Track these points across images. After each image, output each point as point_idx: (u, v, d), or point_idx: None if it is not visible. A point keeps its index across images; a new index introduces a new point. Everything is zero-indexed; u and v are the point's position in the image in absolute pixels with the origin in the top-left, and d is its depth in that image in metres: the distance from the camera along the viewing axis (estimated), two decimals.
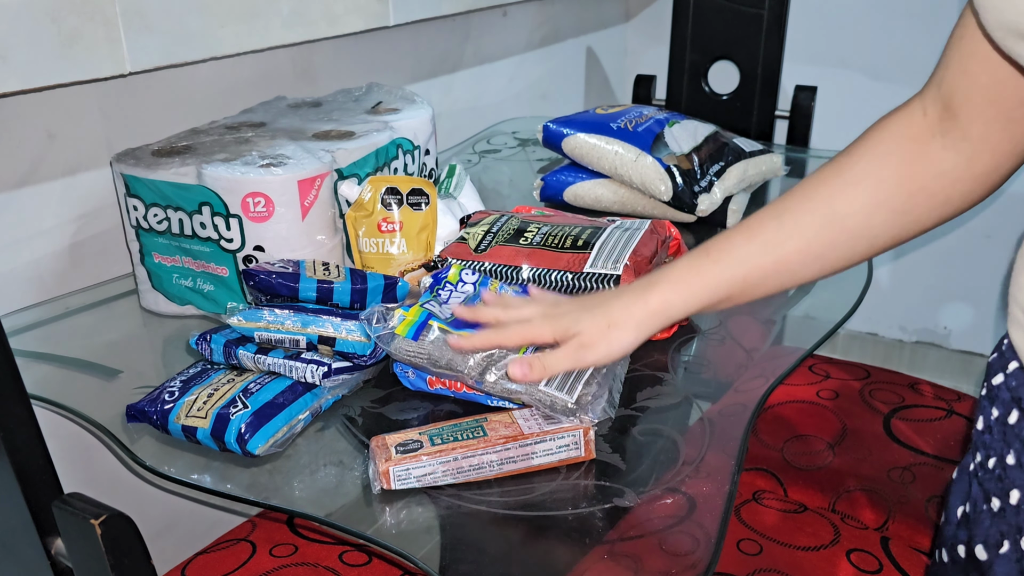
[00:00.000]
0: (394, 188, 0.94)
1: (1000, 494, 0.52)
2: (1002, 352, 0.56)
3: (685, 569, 0.63)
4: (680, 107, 1.77)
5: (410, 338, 0.76)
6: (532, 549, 0.65)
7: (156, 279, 0.99)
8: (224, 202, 0.91)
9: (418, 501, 0.69)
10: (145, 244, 0.97)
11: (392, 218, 0.94)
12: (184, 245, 0.95)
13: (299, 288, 0.85)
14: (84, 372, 0.90)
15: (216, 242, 0.93)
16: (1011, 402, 0.53)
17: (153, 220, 0.95)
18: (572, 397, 0.72)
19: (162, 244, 0.96)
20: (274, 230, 0.91)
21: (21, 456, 0.64)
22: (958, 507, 0.59)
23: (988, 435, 0.55)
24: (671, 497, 0.69)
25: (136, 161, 0.95)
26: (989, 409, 0.55)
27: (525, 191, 1.34)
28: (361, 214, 0.94)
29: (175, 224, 0.94)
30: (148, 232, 0.96)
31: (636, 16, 2.12)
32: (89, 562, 0.64)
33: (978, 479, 0.56)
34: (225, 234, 0.92)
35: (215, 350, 0.82)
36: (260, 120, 1.10)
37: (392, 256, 0.94)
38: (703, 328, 0.95)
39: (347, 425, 0.79)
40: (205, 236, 0.93)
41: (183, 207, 0.92)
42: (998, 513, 0.53)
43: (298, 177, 0.91)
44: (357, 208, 0.95)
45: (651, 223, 0.96)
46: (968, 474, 0.58)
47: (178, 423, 0.75)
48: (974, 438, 0.58)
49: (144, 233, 0.96)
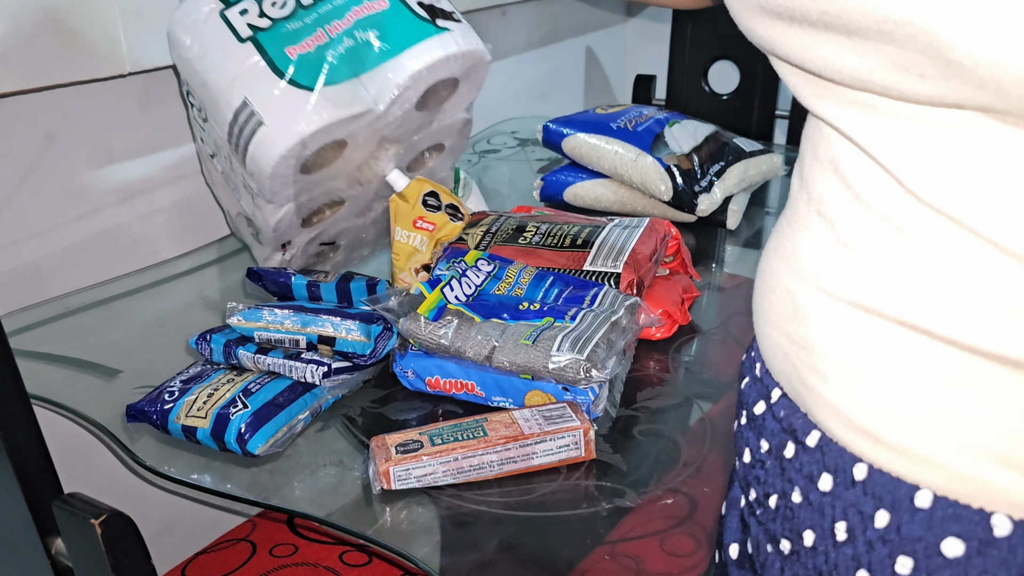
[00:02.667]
0: (435, 193, 0.97)
1: (791, 536, 0.48)
2: (758, 379, 0.51)
3: (686, 570, 0.63)
4: (680, 107, 1.77)
5: (431, 319, 0.79)
6: (532, 549, 0.65)
7: (303, 75, 0.85)
8: None
9: (418, 501, 0.69)
10: (270, 46, 0.86)
11: (429, 218, 0.96)
12: (324, 7, 0.87)
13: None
14: (84, 372, 0.90)
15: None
16: (783, 433, 0.48)
17: (273, 9, 0.87)
18: (583, 355, 0.74)
19: (293, 30, 0.86)
20: None
21: (21, 456, 0.64)
22: (733, 544, 0.55)
23: (760, 470, 0.50)
24: (672, 497, 0.69)
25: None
26: (756, 441, 0.50)
27: (525, 191, 1.34)
28: (404, 205, 0.97)
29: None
30: (271, 29, 0.86)
31: (636, 16, 2.12)
32: (89, 562, 0.64)
33: (757, 519, 0.51)
34: None
35: (215, 350, 0.82)
36: None
37: (417, 252, 0.96)
38: (704, 328, 0.95)
39: (347, 425, 0.79)
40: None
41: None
42: (790, 555, 0.48)
43: None
44: (401, 197, 0.97)
45: (650, 221, 0.96)
46: (741, 511, 0.53)
47: (178, 423, 0.75)
48: (740, 472, 0.53)
49: (266, 34, 0.86)
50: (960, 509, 0.40)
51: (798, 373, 0.46)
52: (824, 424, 0.45)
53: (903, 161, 0.39)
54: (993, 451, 0.39)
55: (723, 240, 1.19)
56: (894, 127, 0.39)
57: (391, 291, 0.83)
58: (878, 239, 0.41)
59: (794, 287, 0.46)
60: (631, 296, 0.84)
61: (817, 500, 0.45)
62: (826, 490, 0.45)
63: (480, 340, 0.77)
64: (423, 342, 0.79)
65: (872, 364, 0.42)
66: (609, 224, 0.95)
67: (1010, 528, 0.39)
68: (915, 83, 0.36)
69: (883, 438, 0.42)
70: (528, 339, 0.77)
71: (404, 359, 0.82)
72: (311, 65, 0.85)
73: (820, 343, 0.44)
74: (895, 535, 0.42)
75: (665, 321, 0.91)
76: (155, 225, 1.15)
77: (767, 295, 0.49)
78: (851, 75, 0.38)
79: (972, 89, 0.34)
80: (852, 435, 0.43)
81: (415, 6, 0.90)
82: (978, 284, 0.38)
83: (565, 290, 0.86)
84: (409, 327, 0.79)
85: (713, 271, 1.10)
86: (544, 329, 0.78)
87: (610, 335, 0.78)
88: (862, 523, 0.43)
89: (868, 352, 0.42)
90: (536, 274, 0.87)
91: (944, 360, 0.40)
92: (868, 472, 0.43)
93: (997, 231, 0.37)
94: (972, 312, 0.39)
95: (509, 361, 0.76)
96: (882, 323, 0.41)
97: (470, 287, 0.85)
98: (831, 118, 0.42)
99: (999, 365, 0.38)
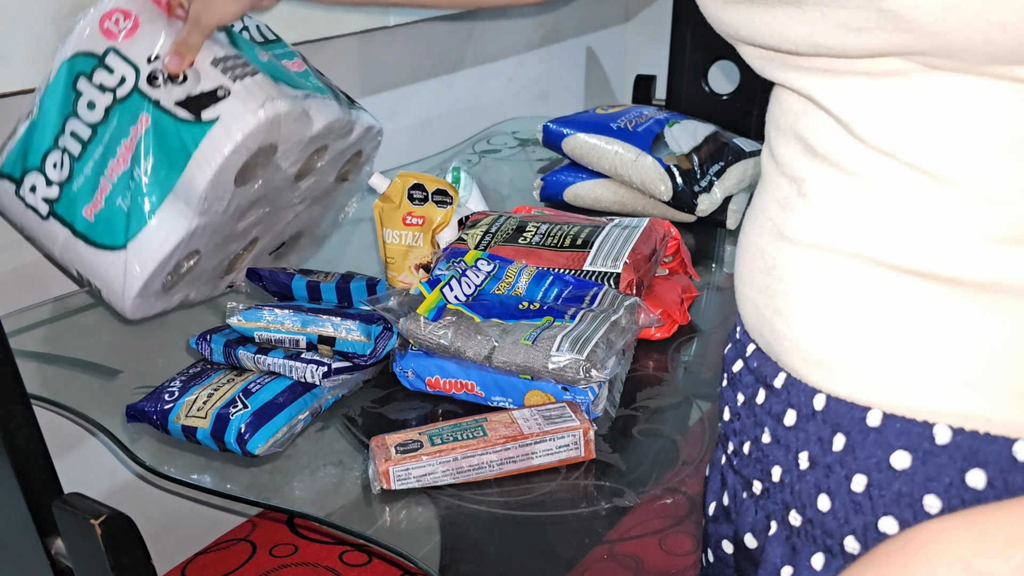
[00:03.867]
0: (420, 185, 0.96)
1: (761, 475, 0.51)
2: (737, 341, 0.57)
3: (685, 569, 0.63)
4: (680, 107, 1.77)
5: (431, 319, 0.79)
6: (532, 549, 0.65)
7: (102, 235, 0.84)
8: (88, 53, 0.83)
9: (418, 501, 0.69)
10: (65, 215, 0.84)
11: (418, 213, 0.96)
12: (96, 155, 0.83)
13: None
14: (84, 372, 0.90)
15: (111, 107, 0.83)
16: (755, 383, 0.52)
17: (54, 172, 0.84)
18: (583, 355, 0.74)
19: (80, 191, 0.83)
20: (147, 36, 0.84)
21: (21, 456, 0.64)
22: (712, 502, 0.58)
23: (737, 422, 0.54)
24: (671, 497, 0.69)
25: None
26: (734, 396, 0.55)
27: (525, 191, 1.34)
28: (389, 206, 0.97)
29: (73, 148, 0.83)
30: (58, 201, 0.84)
31: (636, 16, 2.12)
32: (89, 562, 0.64)
33: (733, 468, 0.55)
34: (111, 82, 0.83)
35: (215, 350, 0.82)
36: None
37: (412, 248, 0.96)
38: (703, 328, 0.95)
39: (347, 425, 0.79)
40: (102, 112, 0.83)
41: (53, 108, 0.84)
42: (761, 495, 0.52)
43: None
44: (384, 199, 0.97)
45: (650, 221, 0.96)
46: (720, 468, 0.57)
47: (178, 423, 0.75)
48: (721, 430, 0.57)
49: (58, 204, 0.85)
50: (907, 424, 0.44)
51: (767, 321, 0.50)
52: (787, 363, 0.49)
53: (850, 110, 0.44)
54: (936, 365, 0.43)
55: (723, 240, 1.19)
56: (841, 83, 0.44)
57: (391, 291, 0.84)
58: (832, 184, 0.46)
59: (762, 243, 0.50)
60: (631, 296, 0.84)
61: (784, 436, 0.49)
62: (790, 425, 0.49)
63: (480, 340, 0.78)
64: (423, 342, 0.79)
65: (828, 298, 0.46)
66: (609, 224, 0.95)
67: (949, 436, 0.43)
68: (854, 38, 0.41)
69: (837, 367, 0.46)
70: (528, 339, 0.77)
71: (404, 359, 0.82)
72: (111, 220, 0.83)
73: (783, 287, 0.48)
74: (851, 456, 0.46)
75: (664, 321, 0.91)
76: None
77: (742, 257, 0.53)
78: (804, 41, 0.43)
79: (901, 34, 0.39)
80: (810, 368, 0.47)
81: (175, 109, 0.82)
82: (918, 212, 0.42)
83: (565, 290, 0.86)
84: (409, 327, 0.80)
85: (713, 271, 1.10)
86: (544, 329, 0.78)
87: (610, 335, 0.78)
88: (822, 449, 0.47)
89: (824, 287, 0.46)
90: (536, 274, 0.88)
91: (892, 285, 0.44)
92: (826, 401, 0.46)
93: (931, 162, 0.42)
94: (914, 238, 0.43)
95: (509, 361, 0.76)
96: (837, 259, 0.45)
97: (470, 287, 0.85)
98: (791, 83, 0.47)
99: (941, 285, 0.42)
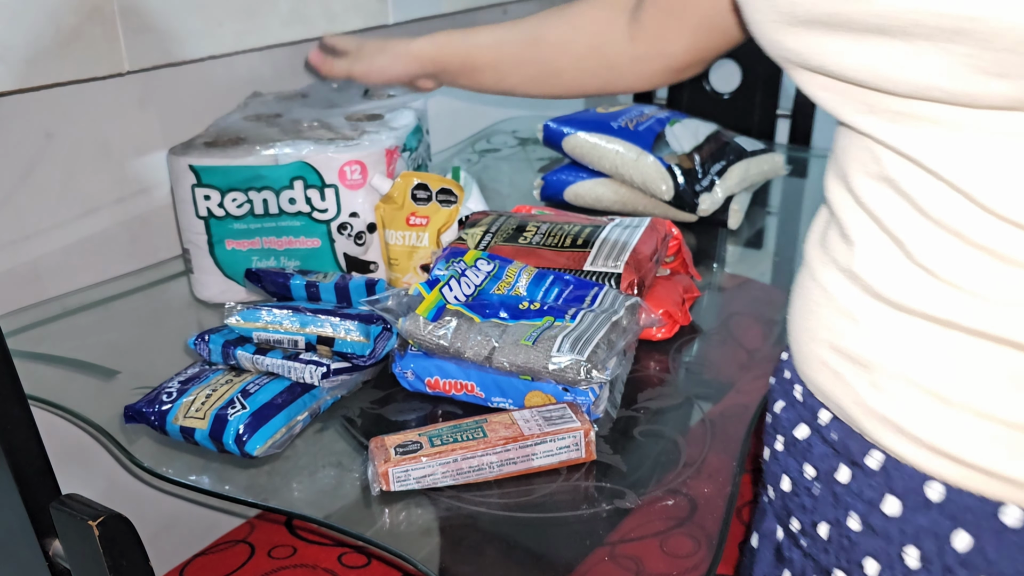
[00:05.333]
0: (424, 184, 0.97)
1: (848, 565, 0.45)
2: (798, 402, 0.49)
3: (686, 571, 0.63)
4: (681, 106, 1.76)
5: (430, 319, 0.78)
6: (532, 551, 0.65)
7: (228, 266, 1.01)
8: (319, 173, 0.96)
9: (417, 503, 0.69)
10: (216, 232, 0.99)
11: (422, 212, 0.96)
12: (268, 224, 0.98)
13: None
14: (82, 373, 0.90)
15: (308, 215, 0.98)
16: (834, 457, 0.45)
17: (232, 205, 0.98)
18: (583, 356, 0.74)
19: (238, 230, 0.99)
20: (365, 195, 0.99)
21: (19, 457, 0.64)
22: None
23: (807, 497, 0.47)
24: (672, 498, 0.69)
25: (202, 152, 0.97)
26: (799, 467, 0.47)
27: (525, 190, 1.34)
28: (392, 207, 0.96)
29: (258, 205, 0.97)
30: (223, 219, 0.98)
31: None
32: (87, 563, 0.64)
33: (802, 550, 0.48)
34: (319, 205, 0.97)
35: (213, 351, 0.81)
36: (275, 112, 1.12)
37: (417, 249, 0.95)
38: (705, 329, 0.95)
39: (346, 426, 0.79)
40: (295, 211, 0.98)
41: (270, 186, 0.97)
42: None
43: (385, 147, 0.99)
44: (387, 200, 0.97)
45: (651, 221, 0.95)
46: (778, 544, 0.51)
47: (176, 424, 0.75)
48: (777, 501, 0.50)
49: (217, 222, 0.99)
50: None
51: (853, 391, 0.44)
52: (886, 445, 0.42)
53: (973, 177, 0.36)
54: None
55: (724, 240, 1.19)
56: (958, 141, 0.36)
57: (390, 291, 0.83)
58: (954, 257, 0.39)
59: (851, 304, 0.43)
60: (632, 296, 0.84)
61: (881, 526, 0.43)
62: (893, 515, 0.42)
63: (480, 340, 0.77)
64: (422, 342, 0.79)
65: (948, 380, 0.40)
66: (610, 224, 0.95)
67: None
68: (992, 84, 0.33)
69: (964, 458, 0.39)
70: (528, 339, 0.76)
71: (403, 360, 0.82)
72: (237, 260, 1.01)
73: (885, 362, 0.41)
74: (980, 558, 0.39)
75: (666, 321, 0.90)
76: (153, 225, 1.15)
77: (813, 313, 0.46)
78: (909, 82, 0.35)
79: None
80: (924, 454, 0.41)
81: (341, 257, 1.00)
82: None
83: (565, 290, 0.85)
84: (408, 327, 0.79)
85: (714, 271, 1.10)
86: (544, 329, 0.77)
87: (610, 335, 0.77)
88: (938, 547, 0.40)
89: (943, 367, 0.40)
90: (536, 274, 0.87)
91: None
92: (945, 492, 0.40)
93: None
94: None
95: (509, 362, 0.76)
96: (968, 339, 0.39)
97: (469, 287, 0.85)
98: (879, 135, 0.39)
99: None
